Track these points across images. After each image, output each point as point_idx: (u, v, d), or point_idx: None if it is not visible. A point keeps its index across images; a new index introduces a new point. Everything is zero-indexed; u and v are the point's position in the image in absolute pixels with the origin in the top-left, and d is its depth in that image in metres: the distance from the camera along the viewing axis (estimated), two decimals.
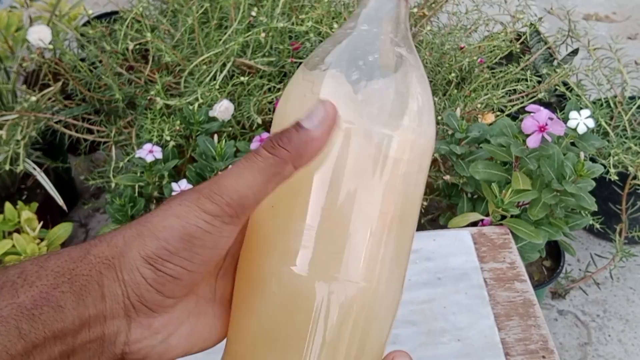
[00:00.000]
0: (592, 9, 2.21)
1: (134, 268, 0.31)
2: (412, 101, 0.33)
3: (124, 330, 0.32)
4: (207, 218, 0.31)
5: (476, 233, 0.72)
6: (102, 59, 1.22)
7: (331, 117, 0.31)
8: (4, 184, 1.34)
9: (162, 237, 0.31)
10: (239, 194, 0.31)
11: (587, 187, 0.89)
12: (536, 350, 0.59)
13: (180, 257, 0.31)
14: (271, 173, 0.31)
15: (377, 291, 0.33)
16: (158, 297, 0.32)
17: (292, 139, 0.31)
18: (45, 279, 0.30)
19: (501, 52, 1.25)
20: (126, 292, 0.31)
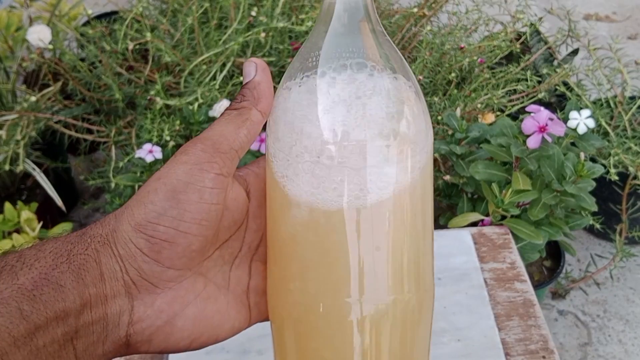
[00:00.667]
0: (592, 9, 2.21)
1: (127, 240, 0.31)
2: (407, 108, 0.33)
3: (126, 310, 0.31)
4: (184, 168, 0.31)
5: (476, 233, 0.72)
6: (102, 59, 1.22)
7: (260, 65, 0.35)
8: (3, 184, 1.34)
9: (147, 201, 0.31)
10: (212, 140, 0.32)
11: (587, 188, 0.89)
12: (536, 351, 0.59)
13: (169, 216, 0.31)
14: (240, 120, 0.33)
15: (415, 299, 0.33)
16: (157, 267, 0.31)
17: (245, 92, 0.34)
18: (43, 260, 0.30)
19: (501, 52, 1.25)
20: (124, 268, 0.31)
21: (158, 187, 0.31)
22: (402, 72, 0.34)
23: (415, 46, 1.26)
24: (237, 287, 0.36)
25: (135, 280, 0.31)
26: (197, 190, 0.31)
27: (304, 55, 0.34)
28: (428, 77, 1.20)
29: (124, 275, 0.31)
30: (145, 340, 0.32)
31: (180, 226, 0.31)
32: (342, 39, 0.33)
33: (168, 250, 0.31)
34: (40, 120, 1.21)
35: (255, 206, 0.36)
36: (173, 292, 0.32)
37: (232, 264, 0.36)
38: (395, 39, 1.25)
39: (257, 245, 0.37)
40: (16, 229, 1.18)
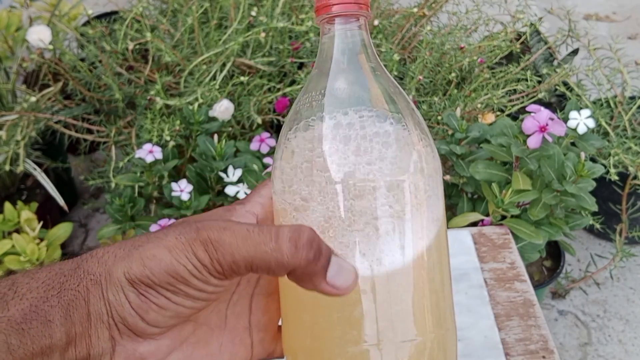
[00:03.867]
0: (592, 9, 2.21)
1: (119, 289, 0.30)
2: (416, 140, 0.33)
3: (108, 353, 0.31)
4: (196, 264, 0.30)
5: (476, 233, 0.72)
6: (102, 59, 1.22)
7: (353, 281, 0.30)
8: (3, 184, 1.34)
9: (148, 265, 0.30)
10: (233, 259, 0.29)
11: (588, 187, 0.89)
12: (536, 351, 0.59)
13: (164, 289, 0.30)
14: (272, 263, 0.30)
15: (443, 334, 0.33)
16: (141, 323, 0.30)
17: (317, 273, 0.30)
18: (35, 291, 0.29)
19: (501, 52, 1.24)
20: (110, 312, 0.30)
21: (164, 259, 0.30)
22: (410, 116, 0.33)
23: (415, 46, 1.26)
24: (237, 325, 0.34)
25: (119, 327, 0.31)
26: (200, 285, 0.30)
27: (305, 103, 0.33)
28: (428, 77, 1.20)
29: (109, 319, 0.30)
30: None
31: (172, 298, 0.30)
32: (346, 86, 0.33)
33: (156, 314, 0.30)
34: (40, 121, 1.21)
35: None
36: (157, 342, 0.32)
37: (229, 302, 0.34)
38: (395, 39, 1.25)
39: (257, 279, 0.35)
40: (16, 229, 1.18)
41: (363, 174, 0.31)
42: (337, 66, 0.33)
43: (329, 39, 0.33)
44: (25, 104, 1.17)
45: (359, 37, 0.33)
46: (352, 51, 0.33)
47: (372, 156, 0.31)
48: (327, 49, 0.33)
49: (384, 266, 0.31)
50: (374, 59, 0.33)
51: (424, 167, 0.32)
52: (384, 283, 0.31)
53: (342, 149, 0.31)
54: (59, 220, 1.27)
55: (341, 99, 0.32)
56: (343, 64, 0.33)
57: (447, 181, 1.06)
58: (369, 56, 0.33)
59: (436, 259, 0.33)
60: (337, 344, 0.31)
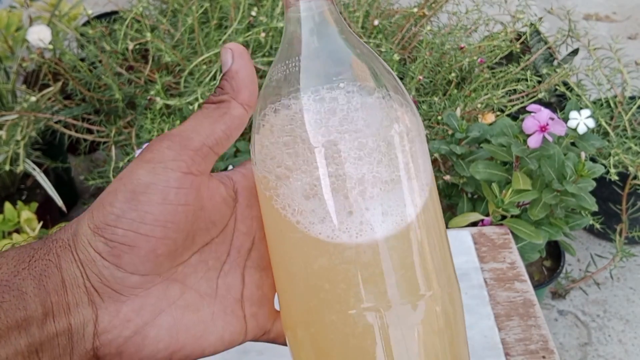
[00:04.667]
0: (592, 9, 2.21)
1: (86, 244, 0.29)
2: (397, 105, 0.32)
3: (90, 320, 0.29)
4: (146, 167, 0.29)
5: (476, 233, 0.72)
6: (102, 59, 1.22)
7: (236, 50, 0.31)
8: (3, 184, 1.34)
9: (106, 202, 0.29)
10: (181, 137, 0.30)
11: (588, 187, 0.89)
12: (536, 351, 0.59)
13: (127, 219, 0.28)
14: (217, 114, 0.31)
15: (445, 293, 0.32)
16: (118, 273, 0.29)
17: (223, 84, 0.31)
18: (5, 266, 0.28)
19: (501, 52, 1.24)
20: (84, 273, 0.29)
21: (118, 187, 0.29)
22: (388, 81, 0.33)
23: (415, 46, 1.26)
24: (228, 296, 0.33)
25: (97, 287, 0.29)
26: (160, 190, 0.29)
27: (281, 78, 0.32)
28: (428, 77, 1.20)
29: (85, 282, 0.29)
30: (115, 353, 0.30)
31: (140, 229, 0.28)
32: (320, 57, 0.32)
33: (129, 255, 0.29)
34: (40, 120, 1.21)
35: (243, 207, 0.33)
36: (140, 300, 0.30)
37: (220, 271, 0.33)
38: (395, 39, 1.25)
39: (248, 250, 0.34)
40: (16, 229, 1.18)
41: (348, 141, 0.30)
42: (308, 40, 0.32)
43: (294, 13, 0.32)
44: (25, 104, 1.17)
45: (326, 7, 0.32)
46: (321, 23, 0.32)
47: (353, 124, 0.30)
48: (294, 23, 0.32)
49: (376, 230, 0.30)
50: (344, 28, 0.33)
51: (408, 129, 0.32)
52: (381, 246, 0.30)
53: (324, 119, 0.30)
54: (59, 220, 1.27)
55: (317, 72, 0.31)
56: (314, 38, 0.32)
57: (447, 181, 1.06)
58: (338, 25, 0.32)
59: (432, 217, 0.32)
60: (337, 312, 0.30)
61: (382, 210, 0.30)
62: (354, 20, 1.21)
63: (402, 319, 0.30)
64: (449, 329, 0.32)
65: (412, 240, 0.31)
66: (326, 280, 0.30)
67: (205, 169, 0.31)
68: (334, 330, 0.30)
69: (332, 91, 0.31)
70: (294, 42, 0.32)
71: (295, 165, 0.30)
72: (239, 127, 0.32)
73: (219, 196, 0.32)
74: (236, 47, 0.32)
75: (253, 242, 0.34)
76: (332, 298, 0.30)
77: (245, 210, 0.33)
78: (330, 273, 0.30)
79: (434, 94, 1.22)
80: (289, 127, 0.31)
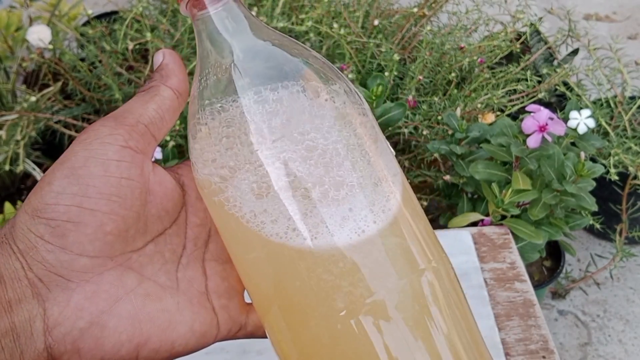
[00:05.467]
0: (592, 9, 2.21)
1: (25, 231, 0.26)
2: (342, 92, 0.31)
3: (38, 315, 0.26)
4: (82, 145, 0.27)
5: (476, 233, 0.72)
6: (102, 59, 1.22)
7: (167, 51, 0.32)
8: (3, 184, 1.34)
9: (44, 183, 0.27)
10: (114, 116, 0.29)
11: (588, 187, 0.89)
12: (536, 351, 0.59)
13: (69, 193, 0.26)
14: (147, 97, 0.30)
15: (434, 266, 0.31)
16: (64, 255, 0.26)
17: (153, 75, 0.31)
18: None
19: (501, 52, 1.24)
20: (26, 264, 0.26)
21: (55, 167, 0.27)
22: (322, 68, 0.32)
23: (415, 46, 1.26)
24: (191, 289, 0.31)
25: (42, 277, 0.26)
26: (100, 163, 0.27)
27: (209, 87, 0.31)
28: (428, 77, 1.20)
29: (27, 273, 0.26)
30: (72, 350, 0.26)
31: (84, 202, 0.26)
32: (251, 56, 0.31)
33: (74, 233, 0.26)
34: (40, 120, 1.21)
35: (193, 198, 0.32)
36: (93, 286, 0.27)
37: (179, 264, 0.31)
38: (395, 39, 1.25)
39: (205, 241, 0.32)
40: None
41: (296, 141, 0.29)
42: (226, 45, 0.31)
43: (204, 23, 0.31)
44: (25, 103, 1.17)
45: (237, 10, 0.31)
46: (237, 27, 0.31)
47: (300, 124, 0.29)
48: (210, 31, 0.31)
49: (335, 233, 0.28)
50: (262, 27, 0.32)
51: (360, 118, 0.31)
52: (356, 246, 0.28)
53: (267, 120, 0.29)
54: None
55: (254, 73, 0.30)
56: (233, 42, 0.31)
57: (447, 181, 1.06)
58: (254, 25, 0.32)
59: (411, 207, 0.31)
60: (316, 317, 0.28)
61: (348, 208, 0.29)
62: (354, 20, 1.21)
63: (380, 312, 0.28)
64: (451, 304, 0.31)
65: (386, 241, 0.30)
66: (299, 283, 0.29)
67: (144, 148, 0.29)
68: (317, 335, 0.29)
69: (275, 92, 0.30)
70: (219, 45, 0.31)
71: (240, 166, 0.29)
72: (170, 108, 0.31)
73: (169, 183, 0.31)
74: (168, 50, 0.32)
75: (209, 234, 0.33)
76: (311, 302, 0.29)
77: (195, 202, 0.32)
78: (303, 276, 0.29)
79: (434, 94, 1.22)
80: (230, 129, 0.30)
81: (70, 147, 0.28)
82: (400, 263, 0.29)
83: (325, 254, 0.28)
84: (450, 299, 0.31)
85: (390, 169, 0.31)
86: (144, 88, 0.31)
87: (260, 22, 0.32)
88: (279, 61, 0.31)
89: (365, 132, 0.31)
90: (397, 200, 0.31)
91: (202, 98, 0.31)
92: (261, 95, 0.30)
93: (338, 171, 0.29)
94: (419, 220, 0.32)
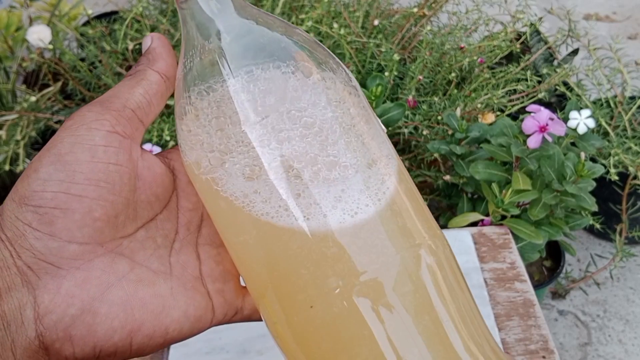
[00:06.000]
0: (592, 9, 2.21)
1: (13, 219, 0.26)
2: (334, 75, 0.31)
3: (28, 302, 0.25)
4: (68, 131, 0.27)
5: (476, 233, 0.72)
6: (102, 59, 1.22)
7: (155, 35, 0.32)
8: (3, 184, 1.34)
9: (30, 171, 0.26)
10: (100, 102, 0.29)
11: (588, 188, 0.89)
12: (536, 351, 0.59)
13: (56, 180, 0.26)
14: (134, 81, 0.30)
15: (430, 243, 0.30)
16: (53, 242, 0.26)
17: (140, 60, 0.31)
18: None
19: (501, 52, 1.24)
20: (15, 252, 0.26)
21: (41, 155, 0.27)
22: (313, 50, 0.31)
23: (415, 46, 1.26)
24: (185, 273, 0.31)
25: (31, 264, 0.26)
26: (87, 149, 0.27)
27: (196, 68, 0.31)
28: (428, 77, 1.20)
29: (16, 261, 0.26)
30: (64, 338, 0.26)
31: (71, 189, 0.26)
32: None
33: (62, 219, 0.26)
34: (40, 120, 1.21)
35: (184, 183, 0.32)
36: (83, 273, 0.27)
37: (171, 249, 0.31)
38: (395, 39, 1.25)
39: (197, 226, 0.32)
40: None
41: (285, 119, 0.29)
42: (211, 26, 0.31)
43: (188, 6, 0.31)
44: (25, 103, 1.17)
45: None
46: (221, 7, 0.31)
47: (293, 103, 0.29)
48: (194, 13, 0.31)
49: (329, 214, 0.28)
50: (246, 6, 0.32)
51: (351, 98, 0.31)
52: (353, 228, 0.28)
53: (258, 99, 0.29)
54: None
55: (244, 52, 0.30)
56: (217, 22, 0.31)
57: (447, 181, 1.06)
58: (238, 4, 0.31)
59: (405, 187, 0.31)
60: (312, 295, 0.28)
61: (341, 190, 0.28)
62: (354, 20, 1.21)
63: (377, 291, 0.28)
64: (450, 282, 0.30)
65: (383, 221, 0.29)
66: (297, 264, 0.29)
67: (132, 133, 0.29)
68: (312, 316, 0.28)
69: (263, 71, 0.29)
70: (203, 26, 0.31)
71: (229, 147, 0.29)
72: (157, 93, 0.31)
73: (158, 168, 0.31)
74: (156, 34, 0.32)
75: (202, 219, 0.32)
76: (305, 282, 0.28)
77: (187, 187, 0.32)
78: (299, 257, 0.28)
79: (434, 94, 1.22)
80: (218, 109, 0.29)
81: (56, 134, 0.28)
82: (394, 242, 0.29)
83: (319, 233, 0.28)
84: (448, 276, 0.30)
85: (383, 149, 0.31)
86: (131, 72, 0.31)
87: (244, 1, 0.32)
88: (265, 40, 0.31)
89: (357, 111, 0.31)
90: (392, 180, 0.30)
91: (187, 80, 0.31)
92: (249, 75, 0.29)
93: (332, 150, 0.29)
94: (413, 200, 0.31)
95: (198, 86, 0.30)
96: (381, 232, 0.29)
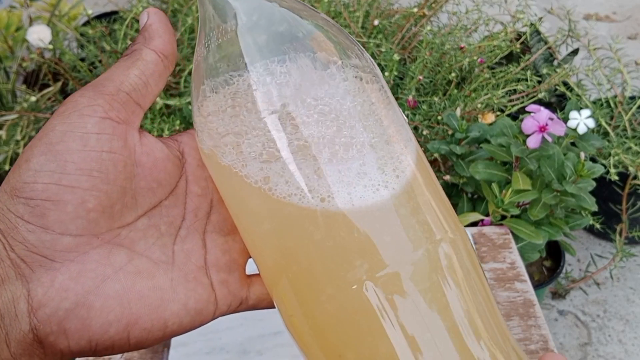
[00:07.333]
0: (592, 9, 2.21)
1: (5, 211, 0.25)
2: (357, 62, 0.30)
3: (21, 295, 0.25)
4: (60, 118, 0.26)
5: (476, 233, 0.72)
6: (102, 59, 1.22)
7: (152, 10, 0.30)
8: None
9: (22, 161, 0.26)
10: (93, 86, 0.28)
11: (588, 188, 0.89)
12: (536, 351, 0.59)
13: (47, 171, 0.25)
14: (129, 62, 0.29)
15: (451, 237, 0.30)
16: (46, 235, 0.25)
17: (137, 38, 0.30)
18: None
19: (501, 52, 1.24)
20: (7, 244, 0.25)
21: (33, 144, 0.26)
22: (340, 40, 0.31)
23: (415, 46, 1.26)
24: (188, 263, 0.29)
25: (25, 257, 0.25)
26: (79, 137, 0.26)
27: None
28: (428, 77, 1.20)
29: (9, 254, 0.25)
30: (59, 331, 0.26)
31: (63, 180, 0.25)
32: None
33: (54, 212, 0.25)
34: (40, 120, 1.21)
35: (194, 167, 0.31)
36: (78, 265, 0.26)
37: (176, 236, 0.30)
38: (395, 39, 1.25)
39: (207, 213, 0.31)
40: None
41: (306, 104, 0.28)
42: (229, 8, 0.30)
43: None
44: (25, 103, 1.17)
45: None
46: None
47: (312, 91, 0.28)
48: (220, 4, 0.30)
49: (349, 195, 0.28)
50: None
51: (372, 85, 0.30)
52: (365, 213, 0.28)
53: (275, 86, 0.28)
54: None
55: (257, 39, 0.29)
56: (237, 4, 0.30)
57: (447, 181, 1.06)
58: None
59: (425, 174, 0.30)
60: (332, 285, 0.27)
61: (358, 171, 0.28)
62: (354, 20, 1.21)
63: (399, 281, 0.28)
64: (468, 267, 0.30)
65: (407, 202, 0.29)
66: (318, 251, 0.28)
67: (127, 118, 0.28)
68: (329, 306, 0.28)
69: (285, 55, 0.29)
70: (222, 9, 0.30)
71: (249, 130, 0.28)
72: (154, 73, 0.29)
73: (160, 152, 0.29)
74: (152, 8, 0.30)
75: (211, 205, 0.31)
76: (326, 270, 0.27)
77: (196, 170, 0.31)
78: (320, 243, 0.28)
79: (434, 94, 1.22)
80: (238, 94, 0.29)
81: (48, 121, 0.27)
82: (414, 232, 0.28)
83: (337, 216, 0.27)
84: (470, 271, 0.29)
85: (403, 134, 0.31)
86: (127, 52, 0.29)
87: None
88: (289, 24, 0.30)
89: (378, 97, 0.30)
90: (410, 166, 0.30)
91: (206, 65, 0.30)
92: (271, 60, 0.29)
93: (350, 133, 0.28)
94: (433, 188, 0.31)
95: (217, 71, 0.29)
96: (399, 220, 0.28)
